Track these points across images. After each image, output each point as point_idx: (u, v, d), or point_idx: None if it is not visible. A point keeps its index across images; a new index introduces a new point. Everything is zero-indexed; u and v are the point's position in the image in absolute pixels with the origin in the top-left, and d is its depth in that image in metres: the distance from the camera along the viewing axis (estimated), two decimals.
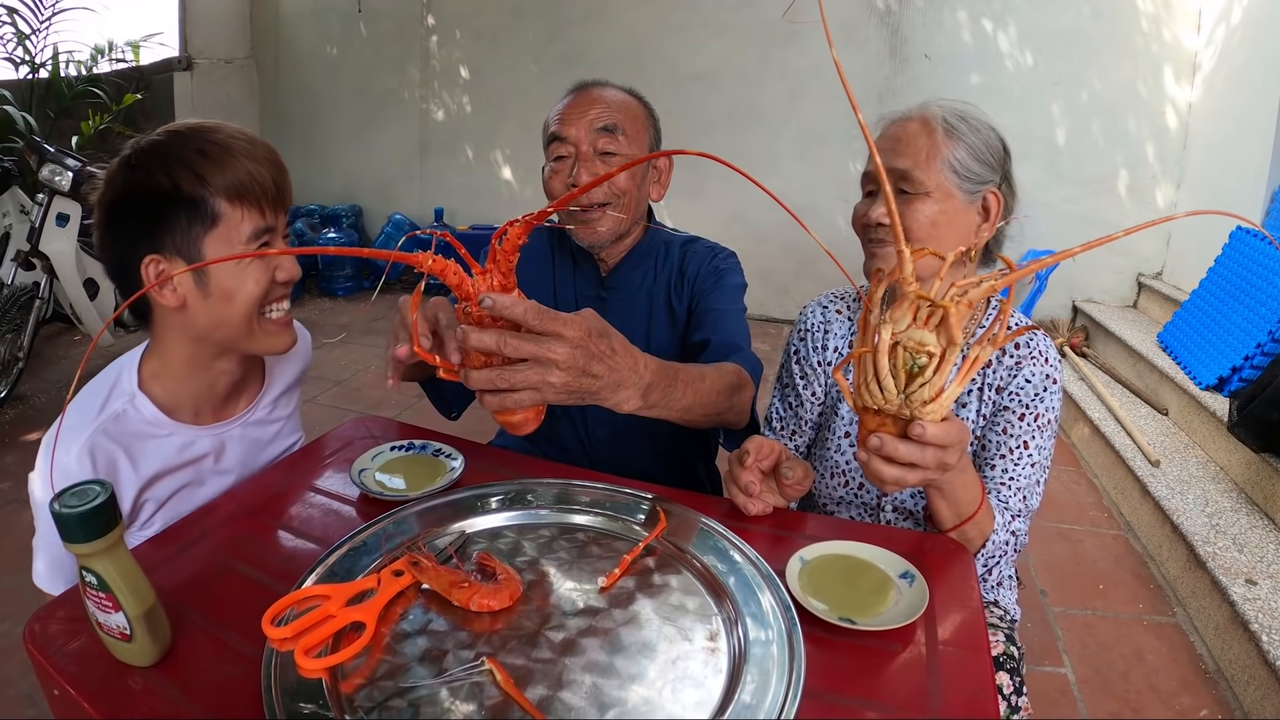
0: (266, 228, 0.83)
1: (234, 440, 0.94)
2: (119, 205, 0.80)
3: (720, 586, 0.66)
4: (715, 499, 0.86)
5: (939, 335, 0.60)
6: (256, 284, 0.82)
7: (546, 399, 0.64)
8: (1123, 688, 1.60)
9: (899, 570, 0.70)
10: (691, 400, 0.80)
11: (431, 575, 0.65)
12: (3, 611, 1.72)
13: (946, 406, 0.62)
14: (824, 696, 0.56)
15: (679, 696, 0.54)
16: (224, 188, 0.79)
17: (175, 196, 0.78)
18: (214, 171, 0.78)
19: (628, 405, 0.71)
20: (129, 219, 0.80)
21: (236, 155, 0.80)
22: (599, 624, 0.62)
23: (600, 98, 1.07)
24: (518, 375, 0.62)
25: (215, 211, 0.79)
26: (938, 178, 0.88)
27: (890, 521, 0.99)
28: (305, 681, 0.55)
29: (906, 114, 0.93)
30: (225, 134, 0.82)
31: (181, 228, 0.79)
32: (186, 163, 0.78)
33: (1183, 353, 2.66)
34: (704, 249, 1.17)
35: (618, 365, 0.68)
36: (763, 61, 3.96)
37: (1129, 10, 3.41)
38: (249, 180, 0.80)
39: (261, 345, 0.87)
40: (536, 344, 0.61)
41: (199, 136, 0.81)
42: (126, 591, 0.57)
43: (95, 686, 0.58)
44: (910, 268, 0.61)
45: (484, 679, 0.55)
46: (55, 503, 0.54)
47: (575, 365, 0.63)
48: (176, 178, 0.78)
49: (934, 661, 0.61)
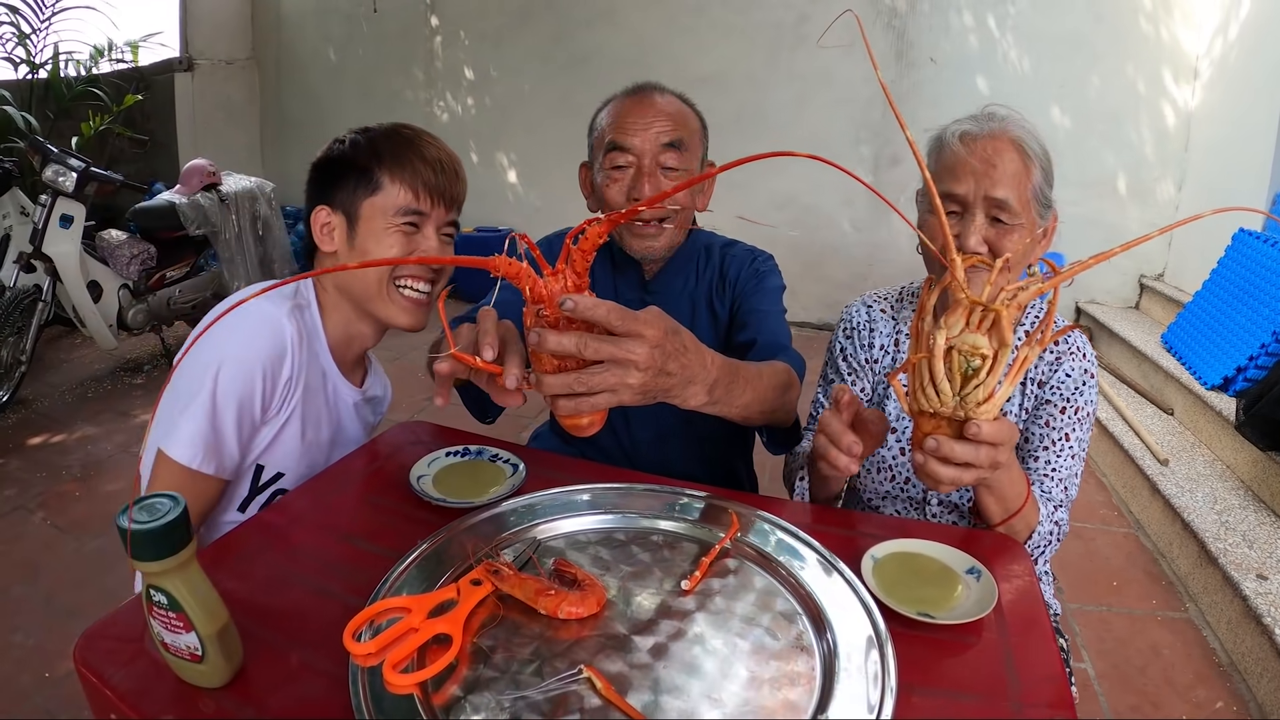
0: (418, 210, 0.94)
1: (346, 406, 1.05)
2: (317, 165, 0.99)
3: (799, 586, 0.67)
4: (776, 499, 0.87)
5: (991, 338, 0.62)
6: (390, 249, 0.93)
7: (623, 400, 0.63)
8: (1140, 682, 1.63)
9: (965, 566, 0.72)
10: (751, 397, 0.81)
11: (514, 584, 0.65)
12: (13, 622, 1.69)
13: (999, 406, 0.64)
14: (914, 689, 0.57)
15: (778, 695, 0.55)
16: (391, 167, 0.93)
17: (352, 162, 0.95)
18: (389, 154, 0.94)
19: (694, 401, 0.71)
20: (319, 175, 0.98)
21: (414, 148, 0.95)
22: (687, 627, 0.63)
23: (663, 108, 1.06)
24: (595, 378, 0.61)
25: (378, 182, 0.94)
26: (1025, 210, 0.89)
27: (936, 515, 1.01)
28: (397, 698, 0.53)
29: (991, 131, 0.90)
30: (417, 134, 0.98)
31: (349, 188, 0.95)
32: (372, 143, 0.95)
33: (1187, 353, 2.69)
34: (743, 252, 1.18)
35: (690, 362, 0.67)
36: (770, 65, 3.98)
37: (1131, 14, 3.45)
38: (412, 168, 0.94)
39: (388, 314, 0.97)
40: (616, 345, 0.60)
41: (395, 131, 0.97)
42: (199, 610, 0.54)
43: (161, 709, 0.55)
44: (962, 275, 0.63)
45: (582, 687, 0.56)
46: (125, 517, 0.52)
47: (654, 365, 0.62)
48: (359, 151, 0.95)
49: (1008, 651, 0.63)
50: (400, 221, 0.94)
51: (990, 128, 0.90)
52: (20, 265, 2.83)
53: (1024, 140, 0.89)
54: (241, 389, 0.87)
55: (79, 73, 4.27)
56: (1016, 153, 0.88)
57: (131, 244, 3.18)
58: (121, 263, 3.15)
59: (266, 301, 0.90)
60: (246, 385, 0.87)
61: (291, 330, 0.90)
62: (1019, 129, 0.90)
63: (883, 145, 3.88)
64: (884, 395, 1.05)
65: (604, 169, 1.08)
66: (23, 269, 2.84)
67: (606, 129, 1.07)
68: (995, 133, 0.89)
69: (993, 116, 0.92)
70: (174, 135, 4.58)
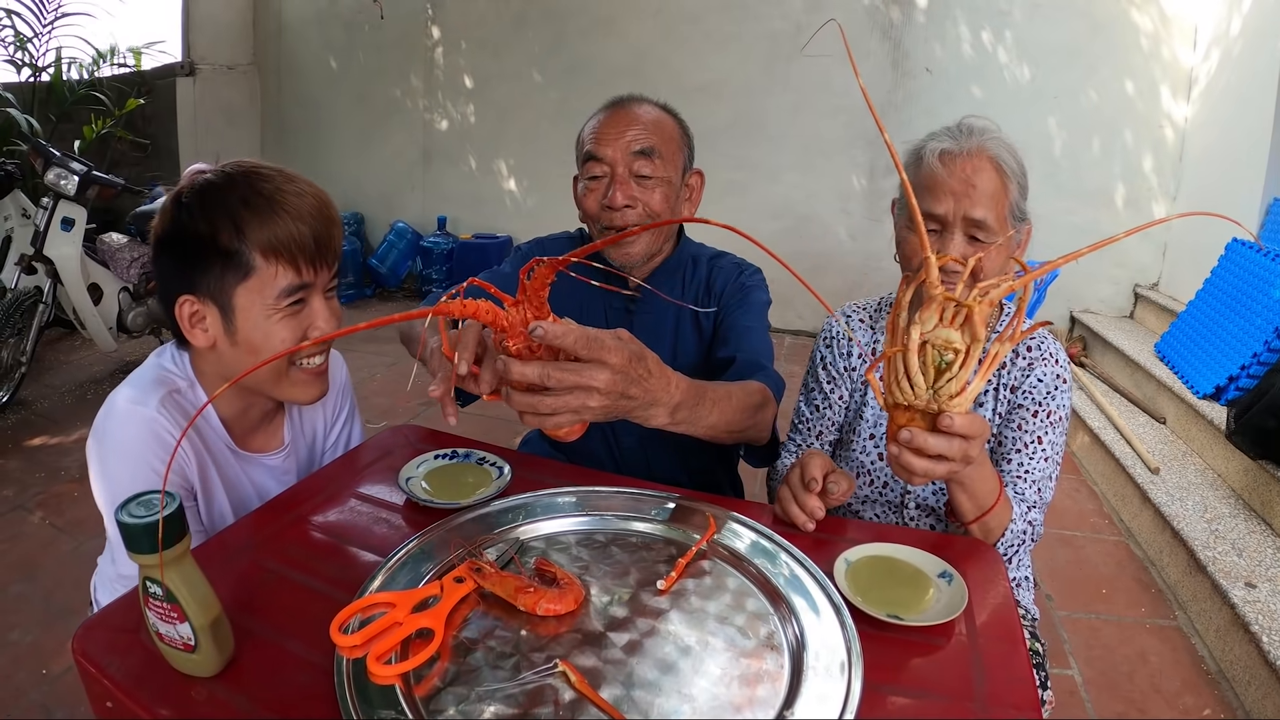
0: (302, 284, 0.83)
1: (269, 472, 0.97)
2: (164, 241, 0.83)
3: (773, 587, 0.69)
4: (755, 504, 0.89)
5: (964, 333, 0.64)
6: (283, 342, 0.82)
7: (584, 420, 0.67)
8: (1128, 689, 1.63)
9: (937, 570, 0.73)
10: (717, 419, 0.84)
11: (495, 581, 0.67)
12: (11, 620, 1.70)
13: (970, 400, 0.66)
14: (880, 689, 0.59)
15: (747, 692, 0.57)
16: (260, 242, 0.79)
17: (212, 244, 0.79)
18: (253, 224, 0.79)
19: (655, 422, 0.75)
20: (171, 256, 0.83)
21: (279, 210, 0.80)
22: (661, 625, 0.64)
23: (638, 117, 1.08)
24: (559, 400, 0.64)
25: (250, 264, 0.80)
26: (1002, 226, 0.91)
27: (913, 518, 1.03)
28: (380, 688, 0.56)
29: (968, 149, 0.91)
30: (275, 184, 0.82)
31: (216, 274, 0.80)
32: (228, 211, 0.79)
33: (1180, 362, 2.71)
34: (730, 264, 1.19)
35: (652, 387, 0.71)
36: (766, 73, 4.01)
37: (1127, 26, 3.49)
38: (287, 238, 0.80)
39: (289, 395, 0.89)
40: (578, 374, 0.63)
41: (247, 184, 0.81)
42: (193, 602, 0.56)
43: (155, 697, 0.57)
44: (936, 273, 0.65)
45: (557, 681, 0.57)
46: (122, 512, 0.54)
47: (615, 389, 0.66)
48: (216, 226, 0.79)
49: (976, 654, 0.64)
50: (286, 304, 0.82)
51: (969, 145, 0.91)
52: (21, 267, 2.86)
53: (1001, 158, 0.91)
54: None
55: (81, 76, 4.31)
56: (995, 171, 0.90)
57: (132, 247, 3.21)
58: (122, 266, 3.17)
59: (132, 403, 0.81)
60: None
61: (164, 423, 0.81)
62: (997, 146, 0.92)
63: (878, 153, 3.91)
64: (862, 401, 1.07)
65: (583, 179, 1.11)
66: (24, 271, 2.86)
67: (585, 141, 1.10)
68: (973, 151, 0.91)
69: (971, 131, 0.93)
70: (175, 139, 4.61)
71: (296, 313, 0.84)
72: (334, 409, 1.08)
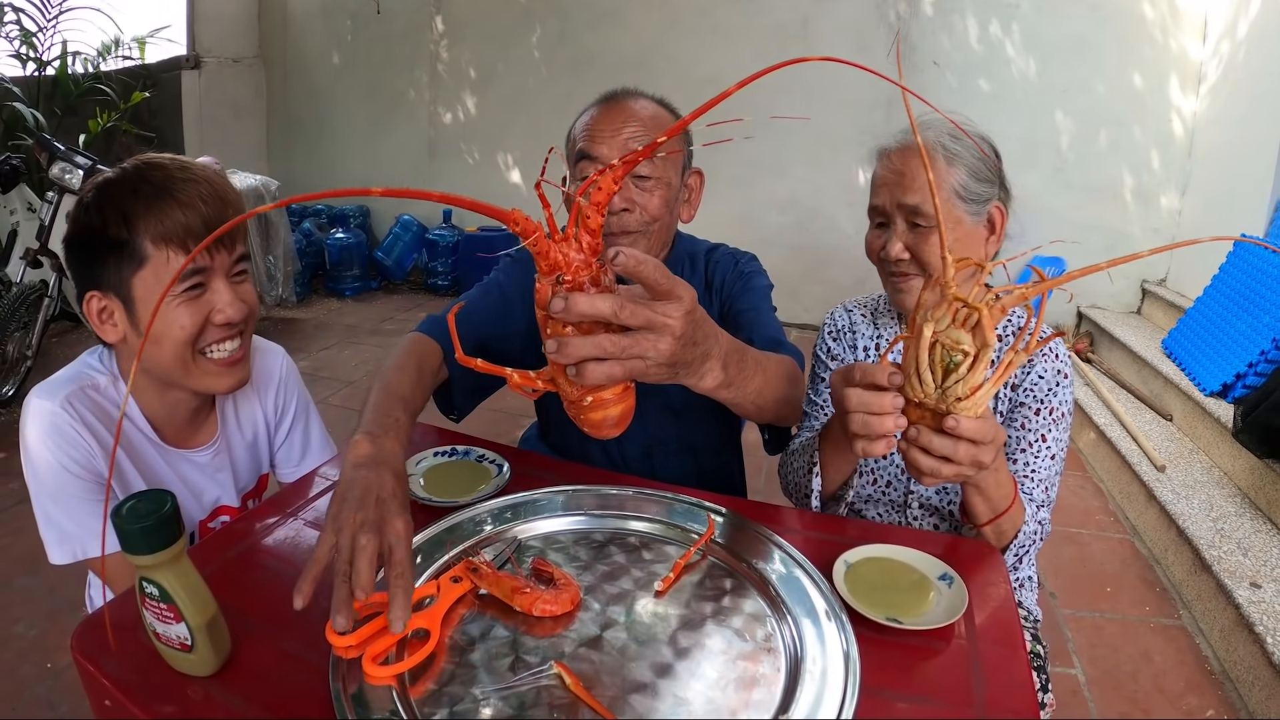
0: (198, 269, 0.83)
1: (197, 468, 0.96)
2: (68, 243, 0.85)
3: (771, 589, 0.68)
4: (754, 503, 0.88)
5: (974, 336, 0.64)
6: (182, 329, 0.82)
7: (648, 372, 0.58)
8: (1131, 688, 1.63)
9: (938, 572, 0.73)
10: (762, 382, 0.77)
11: (491, 581, 0.66)
12: (16, 614, 1.71)
13: (980, 405, 0.65)
14: (878, 692, 0.58)
15: (743, 695, 0.57)
16: (150, 230, 0.80)
17: (104, 237, 0.81)
18: (141, 213, 0.80)
19: (710, 378, 0.67)
20: (75, 255, 0.85)
21: (166, 197, 0.81)
22: (658, 627, 0.64)
23: (634, 113, 1.01)
24: (627, 339, 0.55)
25: (142, 253, 0.81)
26: (946, 207, 0.91)
27: (917, 518, 1.02)
28: (375, 689, 0.56)
29: (904, 144, 0.95)
30: (166, 173, 0.83)
31: (113, 267, 0.81)
32: (117, 204, 0.81)
33: (1187, 359, 2.69)
34: (724, 256, 1.16)
35: (710, 333, 0.65)
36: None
37: (1135, 19, 3.44)
38: (175, 224, 0.81)
39: (201, 385, 0.88)
40: (652, 309, 0.56)
41: (138, 175, 0.82)
42: (189, 602, 0.56)
43: (152, 696, 0.57)
44: (952, 272, 0.65)
45: (552, 682, 0.57)
46: (118, 515, 0.54)
47: (685, 334, 0.58)
48: (106, 219, 0.81)
49: (975, 658, 0.64)
50: (183, 289, 0.82)
51: (905, 140, 0.95)
52: (27, 261, 2.87)
53: (939, 143, 0.92)
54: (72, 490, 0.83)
55: (86, 70, 4.31)
56: (928, 156, 0.90)
57: None
58: None
59: (39, 398, 0.83)
60: (71, 486, 0.83)
61: (67, 418, 0.82)
62: (935, 134, 0.92)
63: None
64: None
65: (575, 179, 1.03)
66: (29, 265, 2.87)
67: (578, 138, 1.03)
68: (907, 144, 0.94)
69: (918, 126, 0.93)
70: (180, 133, 4.62)
71: (196, 298, 0.83)
72: (277, 405, 1.06)
